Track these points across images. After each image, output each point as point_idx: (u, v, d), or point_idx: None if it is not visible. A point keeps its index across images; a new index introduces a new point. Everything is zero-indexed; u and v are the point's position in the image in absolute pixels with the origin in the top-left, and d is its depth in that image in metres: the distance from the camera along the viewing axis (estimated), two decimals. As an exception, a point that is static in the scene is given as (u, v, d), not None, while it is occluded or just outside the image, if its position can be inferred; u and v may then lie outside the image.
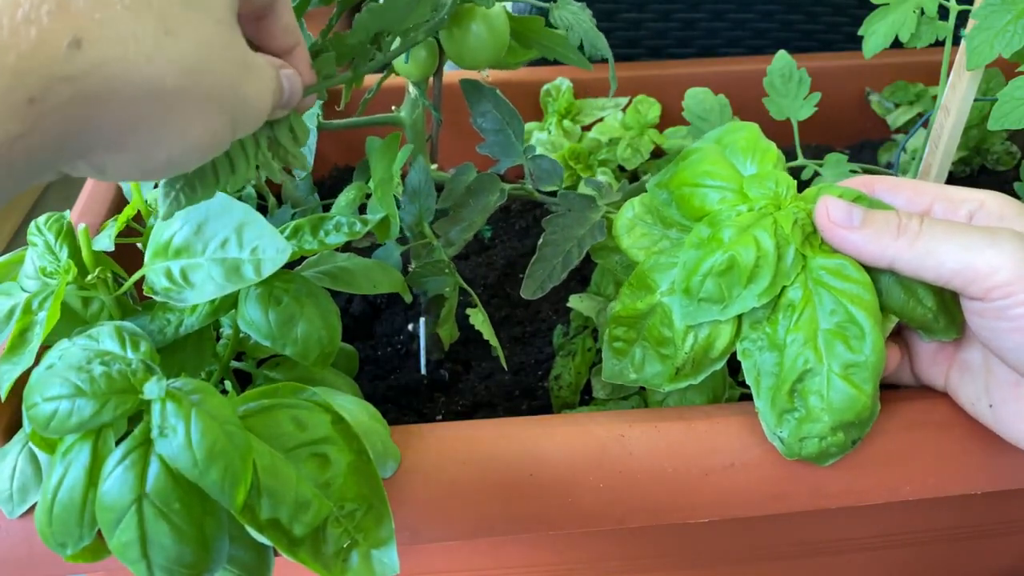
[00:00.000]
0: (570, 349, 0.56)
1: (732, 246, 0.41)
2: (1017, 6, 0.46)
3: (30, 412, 0.32)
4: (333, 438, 0.35)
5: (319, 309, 0.40)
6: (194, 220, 0.36)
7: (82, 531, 0.33)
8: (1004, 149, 0.80)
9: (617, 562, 0.50)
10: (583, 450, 0.41)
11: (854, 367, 0.39)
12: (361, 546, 0.34)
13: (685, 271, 0.42)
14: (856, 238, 0.39)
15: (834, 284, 0.40)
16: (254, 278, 0.35)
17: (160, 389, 0.32)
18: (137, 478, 0.32)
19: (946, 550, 0.55)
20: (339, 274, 0.44)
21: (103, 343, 0.35)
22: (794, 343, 0.40)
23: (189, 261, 0.36)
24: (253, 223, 0.36)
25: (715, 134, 0.48)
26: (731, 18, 0.91)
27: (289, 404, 0.35)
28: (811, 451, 0.40)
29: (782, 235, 0.41)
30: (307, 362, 0.40)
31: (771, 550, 0.52)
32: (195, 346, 0.41)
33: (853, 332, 0.39)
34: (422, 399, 0.59)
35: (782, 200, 0.42)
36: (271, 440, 0.34)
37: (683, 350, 0.43)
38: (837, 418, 0.39)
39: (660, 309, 0.44)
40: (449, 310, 0.54)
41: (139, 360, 0.34)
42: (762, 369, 0.41)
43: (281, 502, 0.33)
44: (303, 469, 0.34)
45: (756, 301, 0.41)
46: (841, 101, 0.81)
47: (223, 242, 0.36)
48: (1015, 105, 0.46)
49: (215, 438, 0.31)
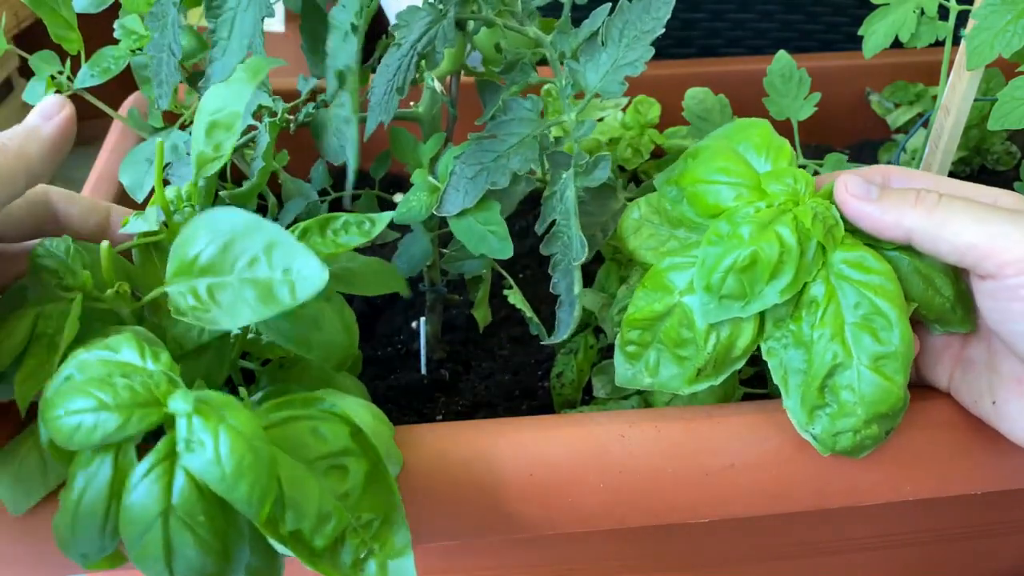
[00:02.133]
0: (572, 346, 0.56)
1: (754, 242, 0.40)
2: (1017, 6, 0.46)
3: (51, 425, 0.32)
4: (352, 449, 0.35)
5: (338, 313, 0.40)
6: (220, 239, 0.35)
7: (104, 541, 0.33)
8: (1004, 149, 0.80)
9: (617, 562, 0.50)
10: (583, 450, 0.41)
11: (884, 358, 0.39)
12: (378, 556, 0.35)
13: (705, 268, 0.42)
14: (873, 208, 0.40)
15: (856, 277, 0.40)
16: (290, 302, 0.33)
17: (188, 404, 0.32)
18: (163, 491, 0.31)
19: (946, 550, 0.55)
20: (343, 275, 0.44)
21: (122, 354, 0.34)
22: (821, 339, 0.40)
23: (216, 280, 0.35)
24: (283, 243, 0.34)
25: (725, 131, 0.48)
26: (731, 18, 0.91)
27: (308, 416, 0.35)
28: (846, 445, 0.40)
29: (803, 230, 0.41)
30: (329, 365, 0.40)
31: (771, 550, 0.52)
32: (217, 353, 0.41)
33: (880, 323, 0.39)
34: (422, 399, 0.59)
35: (800, 196, 0.42)
36: (293, 452, 0.34)
37: (705, 350, 0.42)
38: (871, 411, 0.39)
39: (679, 309, 0.43)
40: (484, 292, 0.54)
41: (161, 372, 0.33)
42: (789, 367, 0.41)
43: (304, 515, 0.33)
44: (324, 481, 0.34)
45: (778, 297, 0.40)
46: (841, 101, 0.81)
47: (252, 261, 0.34)
48: (1015, 105, 0.46)
49: (243, 454, 0.31)
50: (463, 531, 0.40)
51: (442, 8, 0.44)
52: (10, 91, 1.53)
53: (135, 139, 0.64)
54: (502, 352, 0.63)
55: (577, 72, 0.45)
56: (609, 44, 0.44)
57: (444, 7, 0.44)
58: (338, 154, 0.47)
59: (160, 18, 0.49)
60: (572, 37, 0.45)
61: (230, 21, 0.43)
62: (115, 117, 0.61)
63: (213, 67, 0.44)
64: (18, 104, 1.53)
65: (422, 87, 0.52)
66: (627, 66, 0.44)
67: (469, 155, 0.45)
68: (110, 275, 0.39)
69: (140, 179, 0.55)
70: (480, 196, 0.44)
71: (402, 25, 0.44)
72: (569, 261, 0.44)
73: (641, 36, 0.44)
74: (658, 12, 0.44)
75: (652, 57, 0.44)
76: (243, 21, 0.43)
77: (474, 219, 0.45)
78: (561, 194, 0.45)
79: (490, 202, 0.45)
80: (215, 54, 0.44)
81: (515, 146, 0.45)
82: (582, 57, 0.45)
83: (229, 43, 0.44)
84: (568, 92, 0.45)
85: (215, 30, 0.44)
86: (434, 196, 0.47)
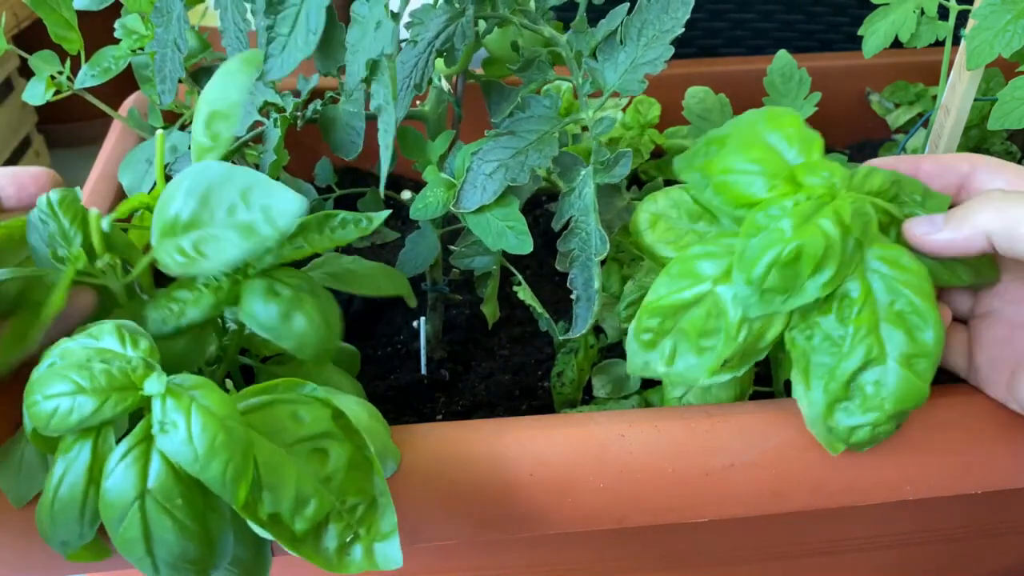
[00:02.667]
0: (572, 346, 0.56)
1: (798, 236, 0.40)
2: (1017, 6, 0.46)
3: (31, 411, 0.32)
4: (334, 433, 0.35)
5: (319, 305, 0.40)
6: (196, 193, 0.35)
7: (83, 529, 0.33)
8: (1004, 149, 0.80)
9: (617, 562, 0.50)
10: (583, 450, 0.41)
11: (916, 357, 0.39)
12: (363, 540, 0.34)
13: (746, 261, 0.41)
14: (949, 233, 0.41)
15: (892, 274, 0.40)
16: (272, 233, 0.33)
17: (160, 385, 0.32)
18: (139, 474, 0.32)
19: (946, 550, 0.55)
20: (343, 275, 0.44)
21: (103, 341, 0.35)
22: (856, 334, 0.40)
23: (200, 233, 0.35)
24: (257, 185, 0.34)
25: (750, 118, 0.46)
26: (731, 18, 0.91)
27: (289, 400, 0.35)
28: (861, 438, 0.40)
29: (844, 225, 0.40)
30: (304, 356, 0.40)
31: (771, 550, 0.52)
32: (196, 339, 0.41)
33: (915, 321, 0.40)
34: (422, 399, 0.59)
35: (837, 190, 0.41)
36: (272, 435, 0.34)
37: (736, 340, 0.42)
38: (898, 407, 0.39)
39: (710, 299, 0.42)
40: (493, 288, 0.54)
41: (139, 357, 0.34)
42: (813, 359, 0.41)
43: (282, 497, 0.33)
44: (304, 464, 0.34)
45: (820, 292, 0.40)
46: (841, 101, 0.81)
47: (231, 208, 0.34)
48: (1015, 105, 0.46)
49: (215, 433, 0.31)
50: (462, 531, 0.40)
51: (460, 6, 0.44)
52: (10, 91, 1.53)
53: (135, 139, 0.64)
54: (502, 352, 0.63)
55: (595, 71, 0.45)
56: (628, 43, 0.45)
57: (462, 5, 0.44)
58: (349, 150, 0.47)
59: (165, 13, 0.49)
60: (589, 36, 0.46)
61: (292, 17, 0.43)
62: (115, 117, 0.61)
63: (270, 63, 0.44)
64: (18, 104, 1.53)
65: (428, 86, 0.52)
66: (646, 65, 0.44)
67: (487, 151, 0.45)
68: (101, 246, 0.39)
69: (140, 179, 0.55)
70: (499, 192, 0.45)
71: (416, 23, 0.44)
72: (587, 256, 0.44)
73: (660, 35, 0.44)
74: (676, 12, 0.44)
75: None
76: (310, 17, 0.43)
77: (492, 215, 0.46)
78: (580, 191, 0.45)
79: (509, 198, 0.45)
80: (273, 50, 0.43)
81: (534, 143, 0.45)
82: (600, 56, 0.45)
83: (290, 39, 0.43)
84: (587, 90, 0.45)
85: (273, 26, 0.43)
86: (451, 192, 0.47)
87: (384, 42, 0.42)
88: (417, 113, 0.52)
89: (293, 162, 0.61)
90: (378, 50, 0.42)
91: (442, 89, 0.52)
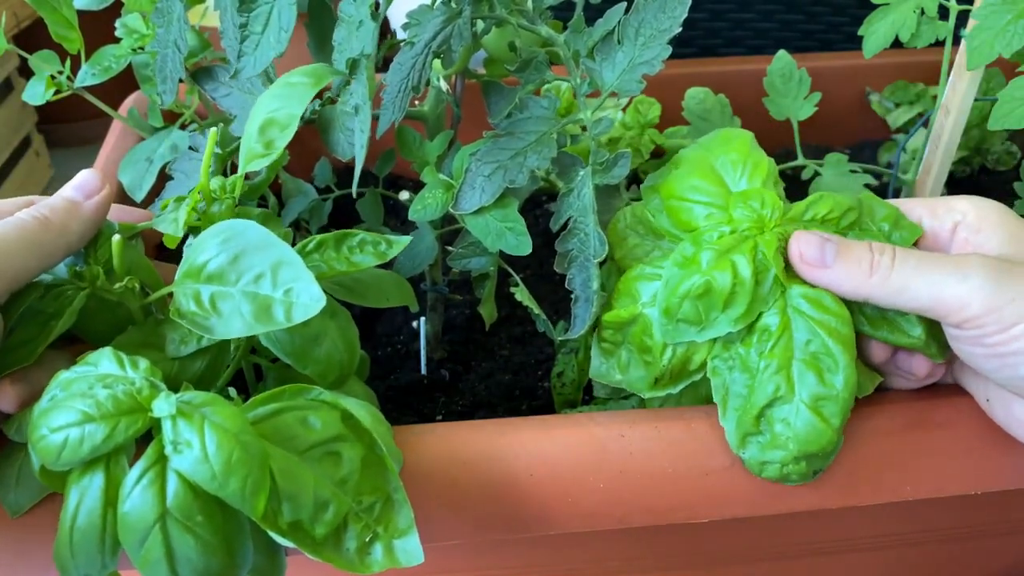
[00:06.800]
0: (572, 346, 0.56)
1: (709, 270, 0.40)
2: (1017, 6, 0.46)
3: (38, 447, 0.32)
4: (344, 435, 0.35)
5: (341, 329, 0.40)
6: (231, 249, 0.36)
7: (104, 558, 0.33)
8: (1004, 149, 0.80)
9: (617, 562, 0.50)
10: (583, 450, 0.41)
11: (824, 400, 0.39)
12: (383, 538, 0.35)
13: (666, 291, 0.42)
14: (830, 278, 0.40)
15: (812, 314, 0.40)
16: (284, 322, 0.34)
17: (171, 406, 0.32)
18: (157, 495, 0.31)
19: (946, 550, 0.55)
20: (353, 286, 0.44)
21: (102, 367, 0.34)
22: (767, 369, 0.40)
23: (220, 288, 0.36)
24: (290, 263, 0.35)
25: (707, 140, 0.47)
26: (731, 18, 0.91)
27: (297, 406, 0.35)
28: (771, 475, 0.40)
29: (762, 260, 0.41)
30: (325, 383, 0.40)
31: (771, 550, 0.52)
32: (214, 359, 0.41)
33: (827, 364, 0.39)
34: (422, 399, 0.59)
35: (766, 222, 0.42)
36: (284, 443, 0.34)
37: (661, 362, 0.43)
38: (802, 449, 0.39)
39: (642, 319, 0.44)
40: (490, 289, 0.54)
41: (142, 378, 0.33)
42: (731, 389, 0.41)
43: (301, 504, 0.33)
44: (319, 469, 0.34)
45: (732, 326, 0.41)
46: (841, 101, 0.81)
47: (257, 276, 0.35)
48: (1015, 105, 0.46)
49: (231, 450, 0.31)
50: (463, 531, 0.40)
51: (456, 6, 0.44)
52: (10, 91, 1.53)
53: (135, 139, 0.64)
54: (502, 352, 0.63)
55: (593, 71, 0.45)
56: (625, 43, 0.44)
57: (459, 5, 0.44)
58: (345, 150, 0.47)
59: (166, 14, 0.49)
60: (587, 36, 0.45)
61: (265, 15, 0.43)
62: (115, 117, 0.61)
63: (243, 61, 0.44)
64: (18, 104, 1.53)
65: (426, 87, 0.52)
66: (644, 64, 0.44)
67: (485, 152, 0.45)
68: (121, 269, 0.39)
69: (139, 179, 0.55)
70: (498, 193, 0.45)
71: (413, 24, 0.44)
72: (586, 257, 0.44)
73: (657, 35, 0.44)
74: (674, 11, 0.44)
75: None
76: (282, 15, 0.43)
77: (491, 216, 0.46)
78: (578, 191, 0.45)
79: (508, 199, 0.45)
80: (246, 48, 0.44)
81: (533, 144, 0.45)
82: (598, 56, 0.45)
83: (263, 37, 0.43)
84: (585, 90, 0.45)
85: (247, 24, 0.44)
86: (449, 194, 0.47)
87: (364, 41, 0.42)
88: (416, 113, 0.52)
89: (293, 162, 0.62)
90: (358, 49, 0.42)
91: (441, 89, 0.51)
